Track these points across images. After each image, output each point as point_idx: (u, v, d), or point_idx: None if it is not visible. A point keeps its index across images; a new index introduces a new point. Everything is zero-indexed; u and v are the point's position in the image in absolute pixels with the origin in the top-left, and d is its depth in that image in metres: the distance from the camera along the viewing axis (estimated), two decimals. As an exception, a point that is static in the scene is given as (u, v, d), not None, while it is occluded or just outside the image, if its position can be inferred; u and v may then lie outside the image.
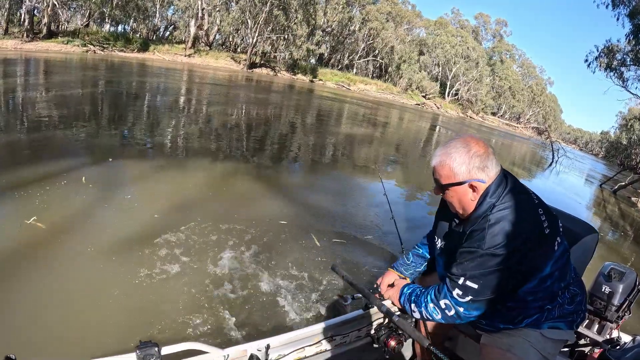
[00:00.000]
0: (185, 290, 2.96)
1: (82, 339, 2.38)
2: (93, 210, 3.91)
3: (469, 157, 1.32)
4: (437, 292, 1.39)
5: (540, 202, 1.39)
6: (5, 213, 3.60)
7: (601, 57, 21.02)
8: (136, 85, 14.60)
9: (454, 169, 1.34)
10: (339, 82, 37.91)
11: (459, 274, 1.31)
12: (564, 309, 1.43)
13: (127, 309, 2.69)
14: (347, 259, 4.01)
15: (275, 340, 1.66)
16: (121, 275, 2.98)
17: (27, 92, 9.71)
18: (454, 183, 1.35)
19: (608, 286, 2.04)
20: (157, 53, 28.33)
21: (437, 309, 1.38)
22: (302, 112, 16.40)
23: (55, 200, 3.92)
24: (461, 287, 1.30)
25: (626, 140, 44.10)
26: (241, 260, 3.51)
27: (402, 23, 47.24)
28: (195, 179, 5.44)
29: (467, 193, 1.35)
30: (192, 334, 2.52)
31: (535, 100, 64.51)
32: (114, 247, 3.33)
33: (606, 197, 15.81)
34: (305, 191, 6.04)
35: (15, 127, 6.51)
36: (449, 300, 1.34)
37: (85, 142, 6.12)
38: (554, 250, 1.35)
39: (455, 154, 1.34)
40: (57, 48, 22.61)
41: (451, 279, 1.33)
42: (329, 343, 1.83)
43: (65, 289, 2.77)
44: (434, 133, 22.10)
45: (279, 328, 2.64)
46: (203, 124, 9.63)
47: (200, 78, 21.07)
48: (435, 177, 1.41)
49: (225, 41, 39.06)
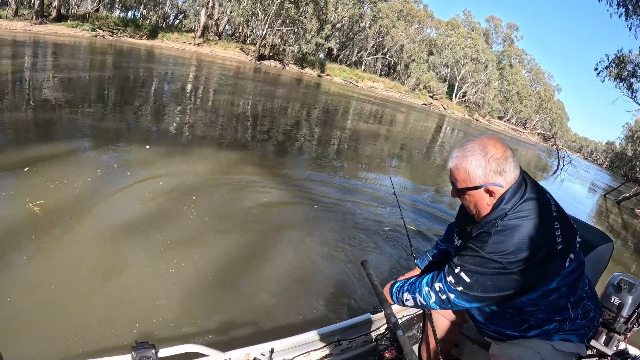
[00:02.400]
0: (185, 286, 2.81)
1: (73, 335, 2.20)
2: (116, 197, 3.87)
3: (486, 160, 1.28)
4: (434, 277, 1.40)
5: (560, 213, 1.34)
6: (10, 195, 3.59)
7: (611, 67, 20.83)
8: (156, 72, 14.58)
9: (470, 172, 1.30)
10: (346, 78, 37.75)
11: (457, 264, 1.32)
12: (576, 324, 1.40)
13: (123, 303, 2.52)
14: (355, 255, 3.92)
15: (279, 344, 1.62)
16: (116, 267, 2.85)
17: (61, 74, 9.71)
18: (470, 187, 1.32)
19: (617, 297, 1.99)
20: (166, 41, 28.27)
21: (431, 292, 1.38)
22: (309, 106, 16.34)
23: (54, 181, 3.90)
24: (455, 275, 1.31)
25: (631, 152, 43.79)
26: (242, 255, 3.41)
27: (413, 22, 46.94)
28: (206, 166, 5.40)
29: (484, 197, 1.32)
30: (190, 333, 2.39)
31: (543, 107, 64.10)
32: (116, 233, 3.27)
33: (610, 207, 15.75)
34: (312, 185, 5.97)
35: (37, 108, 6.51)
36: (442, 284, 1.35)
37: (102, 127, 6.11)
38: (564, 267, 1.30)
39: (471, 156, 1.29)
40: (66, 32, 22.57)
41: (449, 266, 1.35)
42: (335, 348, 1.78)
43: (55, 280, 2.57)
44: (443, 133, 22.02)
45: (282, 330, 2.51)
46: (226, 114, 9.62)
47: (210, 67, 21.02)
48: (452, 180, 1.38)
49: (235, 32, 38.92)
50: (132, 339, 1.32)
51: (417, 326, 2.09)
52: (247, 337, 2.46)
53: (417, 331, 2.08)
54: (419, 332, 2.06)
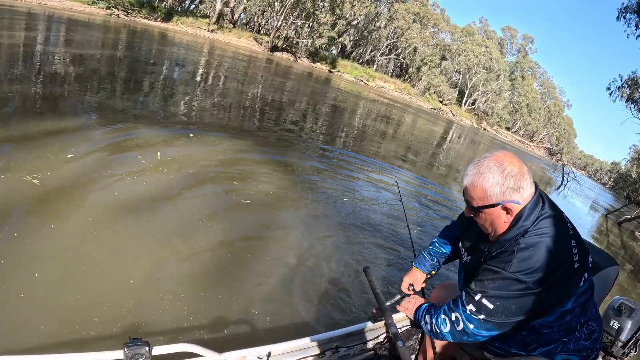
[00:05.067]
0: (181, 285, 2.71)
1: (63, 327, 2.09)
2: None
3: (503, 177, 1.24)
4: (452, 304, 1.34)
5: (575, 232, 1.33)
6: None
7: (624, 88, 20.73)
8: (168, 55, 14.54)
9: (487, 190, 1.26)
10: (357, 76, 37.61)
11: (477, 290, 1.25)
12: (580, 344, 1.37)
13: (116, 298, 2.41)
14: (356, 259, 3.87)
15: (277, 348, 1.59)
16: (111, 260, 2.72)
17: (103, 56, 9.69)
18: (487, 205, 1.28)
19: (617, 321, 1.99)
20: (181, 25, 28.17)
21: (447, 320, 1.33)
22: (317, 101, 16.28)
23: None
24: (476, 303, 1.24)
25: (636, 174, 43.58)
26: (242, 255, 3.31)
27: (428, 25, 46.71)
28: (209, 154, 5.34)
29: (501, 215, 1.29)
30: (185, 332, 2.30)
31: (551, 121, 63.92)
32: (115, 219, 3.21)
33: (610, 227, 15.72)
34: (317, 184, 5.92)
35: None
36: (460, 314, 1.29)
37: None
38: (579, 287, 1.29)
39: (488, 174, 1.26)
40: (80, 8, 22.47)
41: (468, 294, 1.28)
42: (332, 355, 1.76)
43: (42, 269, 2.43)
44: (450, 139, 21.94)
45: (280, 334, 2.41)
46: (234, 102, 9.59)
47: (222, 55, 20.95)
48: (467, 198, 1.34)
49: (250, 21, 38.78)
50: (124, 334, 1.26)
51: (415, 337, 2.07)
52: (243, 339, 2.40)
53: (415, 342, 2.07)
54: (417, 343, 2.06)
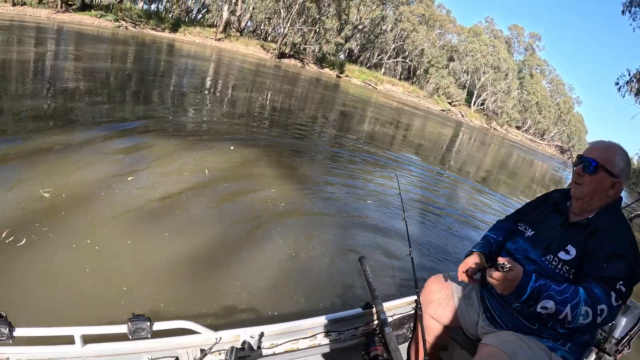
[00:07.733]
0: (181, 269, 2.85)
1: (75, 305, 2.28)
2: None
3: (627, 161, 1.43)
4: (592, 296, 1.25)
5: None
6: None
7: (632, 82, 20.33)
8: (176, 65, 14.46)
9: (616, 160, 1.40)
10: (365, 80, 37.43)
11: (616, 276, 1.26)
12: (582, 338, 1.45)
13: (121, 282, 2.56)
14: (354, 249, 3.85)
15: (269, 329, 1.66)
16: (116, 248, 2.87)
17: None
18: (609, 170, 1.40)
19: None
20: (188, 35, 28.29)
21: (590, 312, 1.24)
22: (326, 106, 16.11)
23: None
24: (617, 291, 1.25)
25: (646, 170, 42.72)
26: (241, 242, 3.40)
27: (434, 27, 46.48)
28: (216, 155, 5.17)
29: (608, 187, 1.41)
30: (183, 311, 2.44)
31: (562, 119, 62.96)
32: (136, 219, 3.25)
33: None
34: (319, 178, 5.84)
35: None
36: (605, 306, 1.24)
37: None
38: None
39: (620, 151, 1.42)
40: (89, 21, 22.67)
41: (608, 283, 1.26)
42: (323, 338, 1.83)
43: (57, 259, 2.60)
44: (460, 140, 21.64)
45: (273, 317, 2.62)
46: (243, 107, 9.41)
47: (230, 63, 20.88)
48: (592, 156, 1.42)
49: (257, 29, 38.92)
50: (128, 313, 1.32)
51: (407, 325, 2.13)
52: (238, 320, 2.52)
53: (408, 330, 2.13)
54: (409, 331, 2.12)
